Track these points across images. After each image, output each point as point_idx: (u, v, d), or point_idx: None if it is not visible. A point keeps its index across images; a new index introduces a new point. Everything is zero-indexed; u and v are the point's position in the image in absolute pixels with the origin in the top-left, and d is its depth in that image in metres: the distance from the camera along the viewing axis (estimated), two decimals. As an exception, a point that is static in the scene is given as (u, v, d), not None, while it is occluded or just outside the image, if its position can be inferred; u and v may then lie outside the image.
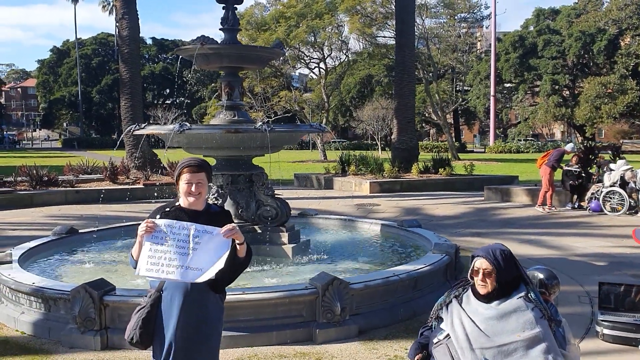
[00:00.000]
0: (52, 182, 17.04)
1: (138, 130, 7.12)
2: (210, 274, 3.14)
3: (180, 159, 3.84)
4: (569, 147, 14.87)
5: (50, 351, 5.17)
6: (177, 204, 3.40)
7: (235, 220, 7.44)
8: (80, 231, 8.69)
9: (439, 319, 3.27)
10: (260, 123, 6.72)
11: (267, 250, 7.37)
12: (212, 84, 60.92)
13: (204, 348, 3.35)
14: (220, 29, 7.65)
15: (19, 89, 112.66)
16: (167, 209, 3.37)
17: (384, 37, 43.50)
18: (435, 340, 3.15)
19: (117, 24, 21.92)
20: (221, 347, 5.00)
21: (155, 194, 15.35)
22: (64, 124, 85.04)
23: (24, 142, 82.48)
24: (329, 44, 43.91)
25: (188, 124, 6.60)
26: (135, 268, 3.21)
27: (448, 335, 3.10)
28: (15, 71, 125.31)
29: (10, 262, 6.51)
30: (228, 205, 7.42)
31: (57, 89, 78.63)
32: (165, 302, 3.32)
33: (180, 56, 7.73)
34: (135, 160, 19.74)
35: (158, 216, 3.33)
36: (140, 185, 17.38)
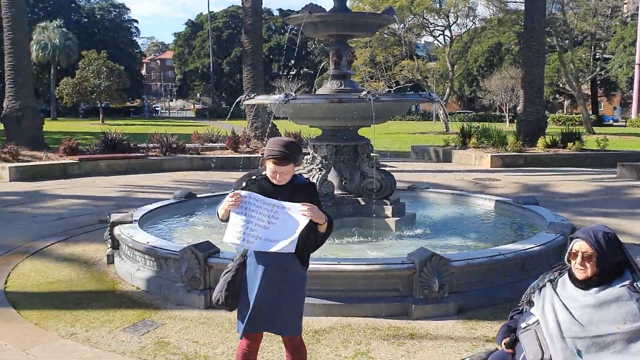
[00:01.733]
0: (180, 149, 18.16)
1: (247, 100, 7.30)
2: (283, 245, 3.23)
3: (296, 130, 3.86)
4: None
5: (160, 307, 5.53)
6: (263, 172, 3.43)
7: (338, 192, 7.50)
8: (198, 196, 9.18)
9: (531, 303, 3.04)
10: (365, 92, 6.59)
11: (370, 223, 7.30)
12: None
13: (285, 313, 3.40)
14: (330, -3, 7.56)
15: (158, 61, 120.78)
16: (254, 177, 3.43)
17: (515, 2, 40.99)
18: (523, 325, 2.94)
19: (242, -4, 22.54)
20: (314, 315, 5.13)
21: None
22: (197, 95, 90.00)
23: (161, 111, 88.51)
24: (455, 10, 42.26)
25: (293, 94, 6.64)
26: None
27: (537, 320, 2.87)
28: (155, 44, 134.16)
29: (132, 222, 7.00)
30: (332, 177, 7.42)
31: (191, 61, 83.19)
32: (249, 267, 3.41)
33: (291, 26, 7.76)
34: (255, 130, 20.44)
35: (244, 183, 3.40)
36: (259, 155, 17.99)
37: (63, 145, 17.00)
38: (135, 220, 7.06)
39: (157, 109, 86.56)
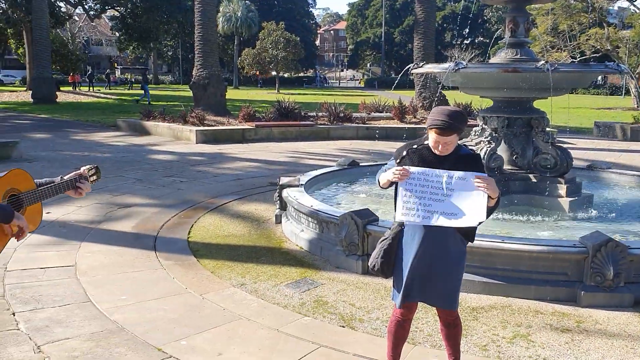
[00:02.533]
0: (347, 118, 18.55)
1: (416, 69, 7.20)
2: (468, 220, 3.13)
3: (466, 101, 3.76)
4: None
5: (320, 267, 5.78)
6: (425, 142, 3.37)
7: (508, 167, 7.16)
8: (361, 164, 9.35)
9: None
10: (543, 62, 6.14)
11: (541, 202, 6.88)
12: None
13: (441, 285, 3.35)
14: (508, -40, 7.12)
15: (331, 32, 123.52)
16: (415, 146, 3.39)
17: None
18: None
19: (416, -37, 22.13)
20: (474, 292, 5.02)
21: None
22: (367, 65, 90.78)
23: (332, 81, 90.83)
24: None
25: (464, 63, 6.40)
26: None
27: None
28: (329, 15, 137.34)
29: (298, 185, 7.36)
30: (501, 150, 7.09)
31: (363, 31, 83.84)
32: (407, 236, 3.40)
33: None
34: (422, 100, 20.13)
35: (405, 152, 3.37)
36: (424, 125, 17.74)
37: (242, 112, 18.26)
38: (301, 185, 7.40)
39: (325, 78, 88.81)
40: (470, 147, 3.52)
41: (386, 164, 3.53)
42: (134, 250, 6.25)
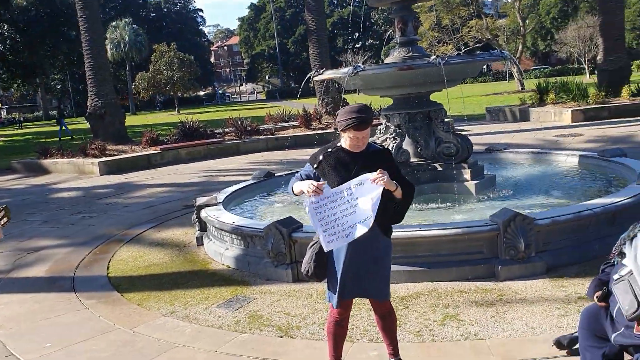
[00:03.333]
0: (255, 131, 18.58)
1: (317, 76, 7.36)
2: (371, 219, 3.22)
3: (366, 102, 3.90)
4: None
5: (250, 282, 5.77)
6: (338, 144, 3.49)
7: (414, 159, 7.46)
8: (276, 175, 9.40)
9: (622, 255, 2.96)
10: (434, 57, 6.49)
11: (449, 188, 7.24)
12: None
13: (373, 278, 3.47)
14: (390, -37, 7.45)
15: (225, 48, 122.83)
16: (330, 149, 3.49)
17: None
18: (615, 277, 2.87)
19: (301, -26, 22.57)
20: (401, 282, 5.20)
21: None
22: (266, 77, 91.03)
23: (233, 96, 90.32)
24: (522, -38, 40.30)
25: (362, 66, 6.64)
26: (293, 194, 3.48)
27: (631, 271, 2.80)
28: (220, 31, 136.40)
29: (216, 204, 7.29)
30: (406, 144, 7.39)
31: (257, 44, 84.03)
32: (335, 237, 3.49)
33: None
34: (326, 106, 20.52)
35: (321, 156, 3.47)
36: (332, 130, 18.09)
37: (145, 137, 17.80)
38: (219, 203, 7.34)
39: (226, 94, 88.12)
40: (373, 142, 3.67)
41: (298, 172, 3.61)
42: (51, 294, 5.95)
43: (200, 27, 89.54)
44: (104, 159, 16.14)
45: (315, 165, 3.47)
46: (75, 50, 33.32)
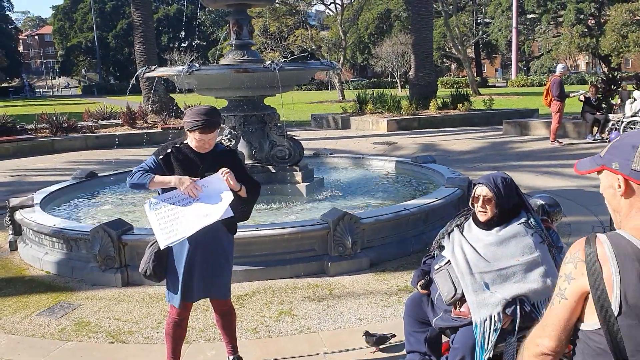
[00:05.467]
0: (72, 128, 17.26)
1: (148, 72, 7.13)
2: (220, 213, 3.25)
3: (195, 103, 3.86)
4: (559, 69, 13.46)
5: (75, 288, 5.40)
6: (185, 141, 3.46)
7: (249, 161, 7.58)
8: (99, 175, 8.89)
9: (441, 248, 3.35)
10: (270, 62, 6.67)
11: (282, 190, 7.47)
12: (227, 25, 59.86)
13: (216, 277, 3.48)
14: (226, -34, 7.49)
15: (36, 37, 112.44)
16: (177, 145, 3.45)
17: (402, -31, 42.03)
18: (436, 267, 3.24)
19: (127, -34, 21.57)
20: (237, 281, 5.23)
21: (171, 137, 15.48)
22: (83, 71, 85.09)
23: (43, 90, 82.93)
24: (344, -22, 42.63)
25: (197, 65, 6.58)
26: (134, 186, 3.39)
27: (449, 261, 3.18)
28: (31, 19, 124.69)
29: (32, 205, 6.71)
30: (241, 147, 7.48)
31: (73, 36, 78.20)
32: (175, 236, 3.44)
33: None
34: (152, 105, 19.83)
35: (169, 149, 3.41)
36: (159, 130, 17.54)
37: (-61, 131, 15.64)
38: (36, 204, 6.77)
39: (34, 89, 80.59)
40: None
41: (132, 169, 3.48)
42: None
43: (7, 12, 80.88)
44: None
45: (161, 157, 3.39)
46: None
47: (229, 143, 7.19)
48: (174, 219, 3.28)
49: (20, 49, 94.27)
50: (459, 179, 7.26)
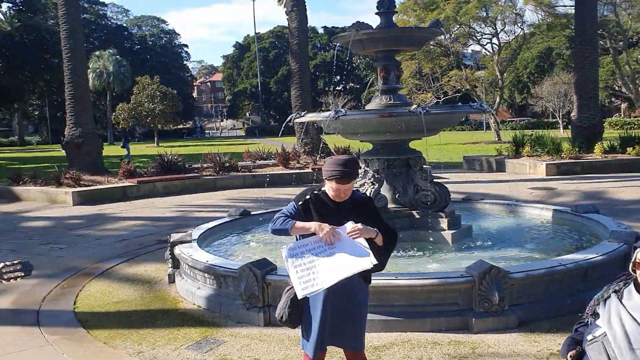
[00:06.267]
0: (233, 167, 18.53)
1: (298, 118, 7.42)
2: (359, 265, 3.22)
3: (344, 144, 3.92)
4: None
5: (221, 324, 5.65)
6: (323, 188, 3.50)
7: (392, 205, 7.50)
8: (252, 213, 9.35)
9: (595, 315, 2.97)
10: (415, 106, 6.61)
11: (426, 236, 7.27)
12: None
13: (350, 328, 3.43)
14: (376, 13, 7.63)
15: (208, 83, 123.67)
16: (316, 191, 3.51)
17: (564, 6, 40.02)
18: (589, 338, 2.87)
19: (287, 17, 22.99)
20: (374, 331, 5.14)
21: (315, 177, 15.96)
22: (247, 114, 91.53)
23: (212, 131, 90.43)
24: (502, 17, 41.56)
25: (343, 111, 6.72)
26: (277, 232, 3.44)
27: (604, 332, 2.80)
28: (204, 67, 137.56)
29: (190, 241, 7.20)
30: (384, 190, 7.44)
31: (239, 82, 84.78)
32: (312, 284, 3.45)
33: (338, 44, 7.87)
34: (304, 146, 20.66)
35: (308, 195, 3.49)
36: (309, 170, 18.17)
37: (122, 169, 17.62)
38: (194, 240, 7.24)
39: (204, 130, 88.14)
40: (355, 189, 3.68)
41: (281, 209, 3.59)
42: (15, 328, 5.76)
43: (185, 62, 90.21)
44: (78, 189, 15.87)
45: (300, 203, 3.47)
46: (57, 77, 33.05)
47: (372, 186, 7.19)
48: (311, 267, 3.28)
49: (195, 94, 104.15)
50: (625, 232, 6.53)
